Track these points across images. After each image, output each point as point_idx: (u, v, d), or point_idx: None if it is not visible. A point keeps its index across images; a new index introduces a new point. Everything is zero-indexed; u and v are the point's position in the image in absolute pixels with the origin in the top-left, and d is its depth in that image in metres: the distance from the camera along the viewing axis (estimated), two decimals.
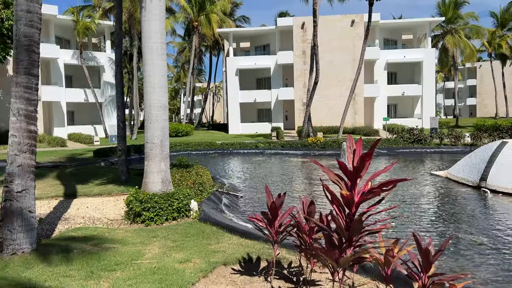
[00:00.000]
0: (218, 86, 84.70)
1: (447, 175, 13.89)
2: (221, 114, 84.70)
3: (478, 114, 70.21)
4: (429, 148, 24.09)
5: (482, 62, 68.76)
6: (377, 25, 39.18)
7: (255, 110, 44.19)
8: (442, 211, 9.60)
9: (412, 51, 40.85)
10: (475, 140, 24.67)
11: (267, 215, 4.35)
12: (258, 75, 43.81)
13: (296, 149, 24.70)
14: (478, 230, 7.77)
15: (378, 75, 40.36)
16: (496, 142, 12.58)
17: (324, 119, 38.42)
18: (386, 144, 25.16)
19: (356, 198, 3.13)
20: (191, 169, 10.98)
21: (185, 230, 6.71)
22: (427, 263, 3.26)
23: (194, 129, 42.21)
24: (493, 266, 5.89)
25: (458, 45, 42.87)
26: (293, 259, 5.29)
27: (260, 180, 14.22)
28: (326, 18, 38.36)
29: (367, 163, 3.07)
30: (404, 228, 7.88)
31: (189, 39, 51.36)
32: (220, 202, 9.39)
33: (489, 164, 11.74)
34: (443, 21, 43.18)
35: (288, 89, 40.26)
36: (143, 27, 7.89)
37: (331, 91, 38.68)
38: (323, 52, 37.46)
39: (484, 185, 11.53)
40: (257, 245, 5.92)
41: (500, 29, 51.84)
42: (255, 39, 44.37)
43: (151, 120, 7.85)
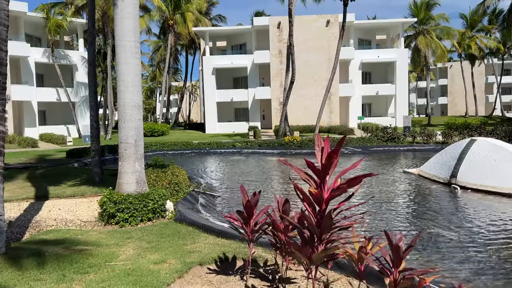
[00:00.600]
0: (194, 85, 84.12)
1: (419, 173, 14.24)
2: (198, 114, 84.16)
3: (449, 113, 72.21)
4: (402, 146, 24.63)
5: (453, 62, 70.78)
6: (351, 25, 39.74)
7: (232, 109, 44.12)
8: (414, 207, 9.85)
9: (385, 51, 41.64)
10: (446, 138, 25.39)
11: (243, 214, 4.37)
12: (235, 74, 43.75)
13: (273, 148, 24.81)
14: (448, 225, 8.01)
15: (353, 75, 40.95)
16: (465, 140, 12.98)
17: (300, 118, 38.71)
18: (361, 142, 25.59)
19: (325, 195, 3.18)
20: (166, 169, 10.88)
21: (160, 230, 6.65)
22: (397, 258, 3.34)
23: (170, 129, 41.79)
24: (462, 260, 6.09)
25: (430, 45, 43.94)
26: (269, 257, 5.32)
27: (237, 180, 14.22)
28: (301, 18, 38.64)
29: (334, 160, 3.13)
30: (378, 224, 8.04)
31: (165, 37, 50.79)
32: (197, 202, 9.34)
33: (458, 161, 12.11)
34: (415, 22, 44.18)
35: (265, 89, 40.37)
36: (116, 25, 7.76)
37: (307, 90, 39.01)
38: (299, 51, 37.72)
39: (454, 182, 11.88)
40: (233, 244, 5.93)
41: (470, 31, 53.45)
42: (231, 38, 44.29)
43: (125, 120, 7.74)
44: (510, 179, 10.58)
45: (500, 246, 6.75)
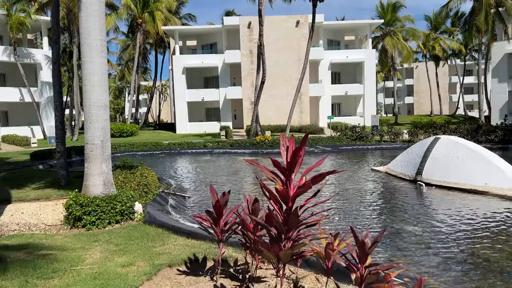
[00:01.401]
0: (164, 84, 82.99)
1: (387, 170, 14.61)
2: (168, 114, 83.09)
3: (415, 112, 74.42)
4: (371, 145, 25.19)
5: (419, 63, 72.98)
6: (321, 26, 40.28)
7: (203, 109, 43.84)
8: (381, 204, 10.09)
9: (354, 52, 42.44)
10: (412, 136, 26.15)
11: (212, 214, 4.35)
12: (205, 74, 43.49)
13: (245, 148, 24.83)
14: (413, 221, 8.25)
15: (323, 75, 41.52)
16: (430, 138, 13.40)
17: (272, 118, 38.90)
18: (331, 141, 25.99)
19: (291, 193, 3.22)
20: (135, 170, 10.69)
21: (128, 233, 6.53)
22: (363, 254, 3.42)
23: (139, 129, 41.08)
24: (426, 254, 6.29)
25: (396, 46, 45.14)
26: (239, 257, 5.32)
27: (208, 180, 14.14)
28: (272, 18, 38.83)
29: (299, 158, 3.17)
30: (346, 221, 8.19)
31: (133, 36, 49.87)
32: (166, 203, 9.23)
33: (424, 159, 12.51)
34: (382, 24, 45.27)
35: (236, 88, 40.33)
36: (81, 23, 7.56)
37: (278, 90, 39.25)
38: (270, 51, 37.91)
39: (420, 179, 12.26)
40: (204, 245, 5.90)
41: (434, 32, 55.29)
42: (202, 37, 44.00)
43: (91, 120, 7.55)
44: (471, 175, 11.01)
45: (462, 239, 7.01)
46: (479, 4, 35.80)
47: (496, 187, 10.42)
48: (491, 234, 7.25)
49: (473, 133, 24.56)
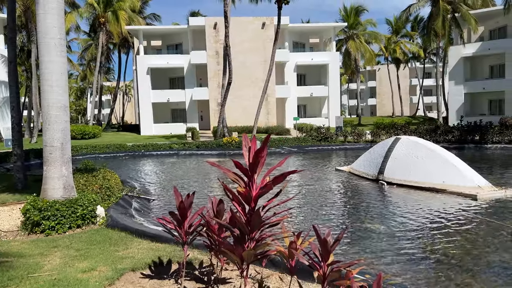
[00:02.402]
0: (128, 85, 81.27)
1: (350, 170, 14.96)
2: (132, 115, 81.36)
3: (378, 113, 76.60)
4: (335, 145, 25.70)
5: (381, 66, 75.21)
6: (286, 28, 40.69)
7: (169, 110, 43.25)
8: (344, 203, 10.33)
9: (319, 54, 43.15)
10: (374, 137, 26.90)
11: (176, 216, 4.31)
12: (171, 75, 42.93)
13: (212, 149, 24.71)
14: (375, 219, 8.50)
15: (289, 77, 41.96)
16: (391, 138, 13.83)
17: (239, 119, 38.90)
18: (297, 142, 26.31)
19: (254, 193, 3.24)
20: (97, 173, 10.41)
21: (90, 237, 6.35)
22: (326, 252, 3.49)
23: (102, 131, 39.99)
24: (389, 251, 6.49)
25: (359, 49, 46.32)
26: (204, 259, 5.30)
27: (174, 182, 13.97)
28: (238, 20, 38.86)
29: (261, 159, 3.20)
30: (310, 220, 8.32)
31: (95, 35, 48.54)
32: (130, 206, 9.05)
33: (385, 159, 12.89)
34: (345, 27, 46.30)
35: (202, 89, 40.05)
36: (39, 21, 7.29)
37: (245, 91, 39.31)
38: (236, 53, 37.91)
39: (382, 178, 12.63)
40: (168, 248, 5.83)
41: (395, 36, 57.14)
42: (167, 37, 43.41)
43: (50, 122, 7.29)
44: (430, 174, 11.46)
45: (422, 236, 7.28)
46: (437, 9, 37.32)
47: (453, 185, 10.89)
48: (449, 231, 7.57)
49: (432, 133, 25.56)
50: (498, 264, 5.89)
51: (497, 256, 6.18)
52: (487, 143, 23.26)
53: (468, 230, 7.59)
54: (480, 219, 8.33)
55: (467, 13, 35.92)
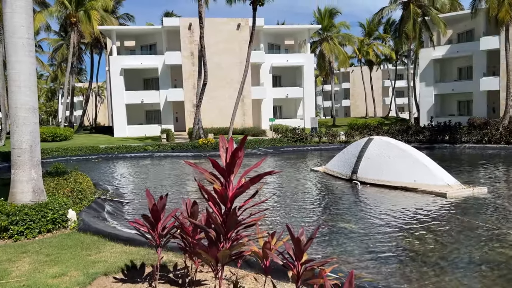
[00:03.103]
0: (101, 86, 79.68)
1: (325, 170, 15.14)
2: (105, 116, 79.80)
3: (352, 114, 77.88)
4: (310, 146, 25.97)
5: (354, 67, 76.54)
6: (261, 30, 40.84)
7: (143, 111, 42.67)
8: (318, 203, 10.45)
9: (294, 56, 43.52)
10: (348, 137, 27.33)
11: (149, 218, 4.26)
12: (145, 75, 42.38)
13: (187, 151, 24.51)
14: (349, 218, 8.64)
15: (264, 78, 42.12)
16: (364, 139, 14.08)
17: (215, 120, 38.76)
18: (273, 143, 26.43)
19: (230, 193, 3.25)
20: (69, 176, 10.16)
21: (61, 242, 6.19)
22: (299, 251, 3.52)
23: (74, 133, 39.07)
24: (363, 249, 6.61)
25: (333, 51, 46.99)
26: (179, 261, 5.25)
27: (148, 184, 13.79)
28: (213, 21, 38.74)
29: (238, 159, 3.21)
30: (285, 220, 8.38)
31: (67, 35, 47.40)
32: (103, 209, 8.87)
33: (358, 159, 13.12)
34: (320, 29, 46.87)
35: (177, 90, 39.70)
36: (6, 20, 7.06)
37: (221, 92, 39.22)
38: (211, 54, 37.78)
39: (355, 178, 12.85)
40: (142, 251, 5.76)
41: (368, 38, 58.27)
42: (140, 38, 42.83)
43: (18, 124, 7.07)
44: (401, 173, 11.73)
45: (394, 234, 7.45)
46: (408, 12, 38.27)
47: (424, 184, 11.19)
48: (420, 228, 7.77)
49: (403, 133, 26.18)
50: (466, 259, 6.09)
51: (466, 252, 6.39)
52: (456, 143, 24.00)
53: (438, 227, 7.81)
54: (449, 216, 8.59)
55: (436, 17, 37.00)
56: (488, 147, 22.70)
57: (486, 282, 5.31)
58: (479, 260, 6.05)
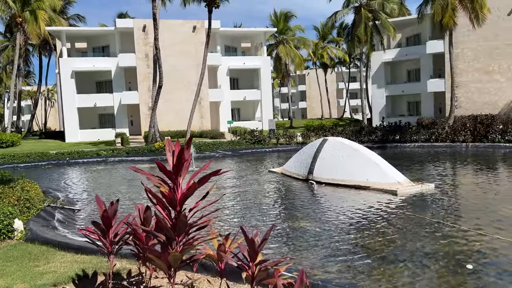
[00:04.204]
0: (51, 89, 76.26)
1: (282, 171, 15.33)
2: (56, 121, 76.37)
3: (308, 116, 79.37)
4: (268, 148, 26.21)
5: (310, 70, 78.08)
6: (217, 32, 40.74)
7: (96, 115, 41.24)
8: (276, 203, 10.58)
9: (250, 59, 43.74)
10: (305, 138, 27.84)
11: (100, 225, 4.14)
12: (97, 78, 41.02)
13: (143, 155, 23.99)
14: (305, 217, 8.80)
15: (222, 80, 42.03)
16: (319, 139, 14.41)
17: (172, 123, 38.18)
18: (231, 145, 26.43)
19: (179, 196, 3.23)
20: (15, 184, 9.64)
21: (6, 254, 5.87)
22: (254, 252, 3.56)
23: (22, 139, 37.08)
24: (318, 247, 6.75)
25: (289, 54, 47.67)
26: (133, 268, 5.14)
27: (101, 191, 13.36)
28: (167, 22, 38.19)
29: (185, 161, 3.20)
30: (241, 222, 8.40)
31: (12, 36, 44.97)
32: (53, 218, 8.50)
33: (314, 159, 13.39)
34: (276, 32, 47.43)
35: (132, 93, 38.73)
36: None
37: (177, 95, 38.70)
38: (167, 56, 37.22)
39: (311, 178, 13.10)
40: (95, 259, 5.58)
41: (322, 41, 59.60)
42: (92, 39, 41.41)
43: None
44: (355, 173, 12.11)
45: (347, 231, 7.68)
46: (359, 17, 39.56)
47: (376, 182, 11.60)
48: (372, 225, 8.06)
49: (357, 134, 27.02)
50: (417, 252, 6.38)
51: (415, 246, 6.70)
52: (406, 142, 25.08)
53: (389, 223, 8.13)
54: (399, 213, 8.97)
55: (386, 21, 38.51)
56: (435, 145, 23.91)
57: (432, 274, 5.60)
58: (426, 253, 6.36)
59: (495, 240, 6.81)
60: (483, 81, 35.88)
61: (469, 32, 34.61)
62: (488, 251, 6.38)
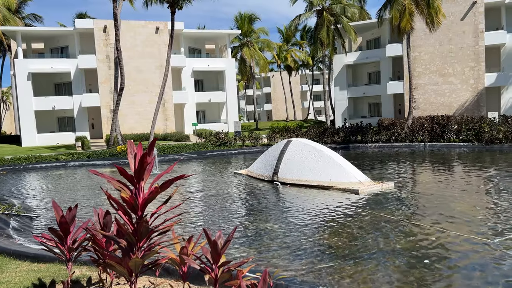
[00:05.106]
0: (6, 92, 72.73)
1: (248, 173, 15.37)
2: (12, 125, 73.00)
3: (273, 118, 80.00)
4: (234, 150, 26.18)
5: (274, 73, 78.77)
6: (181, 34, 40.36)
7: (55, 118, 39.78)
8: (241, 205, 10.58)
9: (215, 60, 43.61)
10: (270, 140, 28.05)
11: (57, 232, 4.00)
12: (56, 80, 39.59)
13: (104, 159, 23.35)
14: (270, 218, 8.86)
15: (186, 82, 41.64)
16: (284, 141, 14.55)
17: (135, 126, 37.43)
18: (196, 148, 26.21)
19: (140, 201, 3.18)
20: None
21: None
22: (216, 254, 3.55)
23: None
24: (282, 248, 6.81)
25: (254, 56, 47.91)
26: (94, 275, 5.00)
27: (61, 196, 12.89)
28: (129, 23, 37.47)
29: (147, 165, 3.15)
30: (205, 225, 8.36)
31: None
32: (8, 226, 8.12)
33: (279, 160, 13.52)
34: (240, 34, 47.55)
35: (92, 95, 37.64)
36: None
37: (140, 97, 38.00)
38: (129, 57, 36.49)
39: (276, 179, 13.22)
40: (53, 267, 5.38)
41: (286, 44, 60.33)
42: (50, 40, 39.94)
43: None
44: (318, 173, 12.32)
45: (311, 231, 7.79)
46: (322, 20, 40.33)
47: (338, 182, 11.86)
48: (335, 224, 8.22)
49: (320, 135, 27.51)
50: (377, 249, 6.57)
51: (376, 243, 6.89)
52: (367, 142, 25.78)
53: (351, 222, 8.33)
54: (360, 211, 9.21)
55: (347, 25, 39.48)
56: (395, 145, 24.73)
57: (391, 269, 5.78)
58: (386, 249, 6.56)
59: (451, 235, 7.12)
60: (439, 83, 37.50)
61: (426, 36, 36.14)
62: (444, 246, 6.66)
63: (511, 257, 5.99)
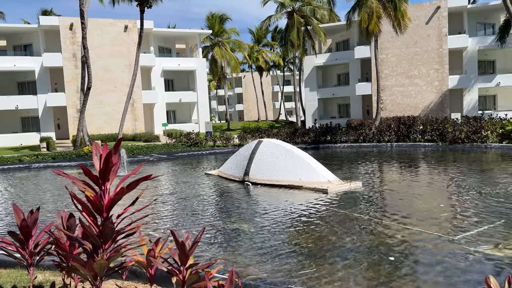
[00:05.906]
0: None
1: (219, 173, 15.32)
2: None
3: (245, 118, 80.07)
4: (205, 150, 26.03)
5: (246, 73, 78.84)
6: (151, 33, 39.77)
7: (18, 118, 38.30)
8: (211, 206, 10.54)
9: (185, 60, 43.20)
10: (241, 140, 28.05)
11: (18, 236, 3.86)
12: (19, 79, 38.15)
13: (71, 160, 22.69)
14: (240, 218, 8.87)
15: (156, 82, 41.04)
16: (254, 141, 14.60)
17: (103, 126, 36.55)
18: (166, 149, 25.88)
19: (105, 202, 3.11)
20: None
21: None
22: (184, 256, 3.51)
23: None
24: (252, 248, 6.83)
25: (225, 56, 47.80)
26: (58, 280, 4.85)
27: (24, 199, 12.44)
28: (97, 21, 36.58)
29: (113, 165, 3.09)
30: (173, 227, 8.27)
31: None
32: None
33: (250, 160, 13.55)
34: (211, 34, 47.30)
35: (58, 95, 36.49)
36: None
37: (108, 97, 37.16)
38: (97, 56, 35.61)
39: (247, 179, 13.24)
40: (14, 273, 5.19)
41: (257, 45, 60.49)
42: (13, 37, 38.44)
43: None
44: (288, 173, 12.43)
45: (281, 230, 7.85)
46: (292, 22, 40.70)
47: (308, 181, 12.00)
48: (303, 223, 8.32)
49: (291, 135, 27.76)
50: (346, 247, 6.69)
51: (344, 241, 7.02)
52: (337, 142, 26.22)
53: (320, 220, 8.45)
54: (329, 210, 9.36)
55: (317, 27, 40.02)
56: (363, 145, 25.27)
57: (359, 266, 5.90)
58: (354, 247, 6.70)
59: (415, 232, 7.35)
60: (405, 84, 38.60)
61: (393, 38, 37.11)
62: (408, 242, 6.86)
63: (473, 254, 6.25)
